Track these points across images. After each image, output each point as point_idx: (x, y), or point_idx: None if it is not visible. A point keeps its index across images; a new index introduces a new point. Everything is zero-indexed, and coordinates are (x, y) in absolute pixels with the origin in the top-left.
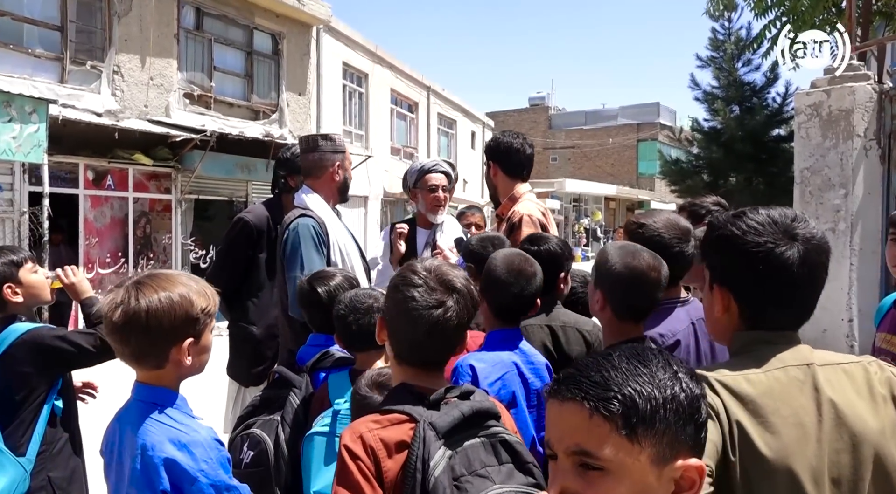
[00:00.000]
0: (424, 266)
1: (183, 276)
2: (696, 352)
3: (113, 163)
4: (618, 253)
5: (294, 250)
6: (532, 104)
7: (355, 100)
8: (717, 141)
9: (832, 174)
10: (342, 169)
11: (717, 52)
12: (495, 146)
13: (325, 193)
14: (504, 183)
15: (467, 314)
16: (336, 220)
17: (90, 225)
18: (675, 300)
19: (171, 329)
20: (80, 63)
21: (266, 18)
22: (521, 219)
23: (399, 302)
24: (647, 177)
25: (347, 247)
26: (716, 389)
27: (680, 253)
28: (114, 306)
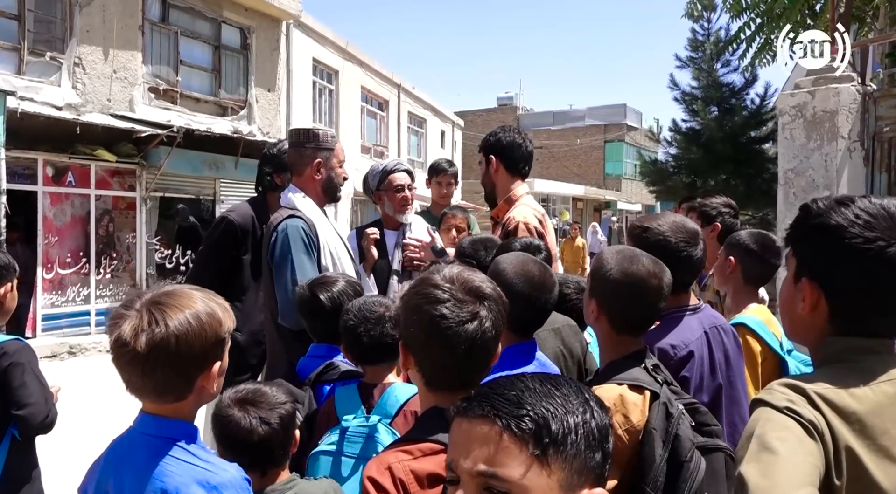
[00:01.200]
0: (444, 275)
1: (195, 291)
2: (710, 363)
3: (74, 159)
4: (615, 258)
5: (283, 254)
6: (500, 104)
7: (325, 97)
8: (697, 141)
9: (816, 175)
10: (325, 168)
11: (697, 52)
12: (496, 140)
13: (310, 193)
14: (504, 180)
15: (502, 320)
16: (325, 222)
17: (49, 223)
18: (686, 308)
19: (202, 354)
20: (39, 54)
21: (234, 12)
22: (516, 227)
23: (426, 323)
24: (613, 177)
25: (338, 250)
26: (817, 405)
27: (688, 258)
28: (134, 333)
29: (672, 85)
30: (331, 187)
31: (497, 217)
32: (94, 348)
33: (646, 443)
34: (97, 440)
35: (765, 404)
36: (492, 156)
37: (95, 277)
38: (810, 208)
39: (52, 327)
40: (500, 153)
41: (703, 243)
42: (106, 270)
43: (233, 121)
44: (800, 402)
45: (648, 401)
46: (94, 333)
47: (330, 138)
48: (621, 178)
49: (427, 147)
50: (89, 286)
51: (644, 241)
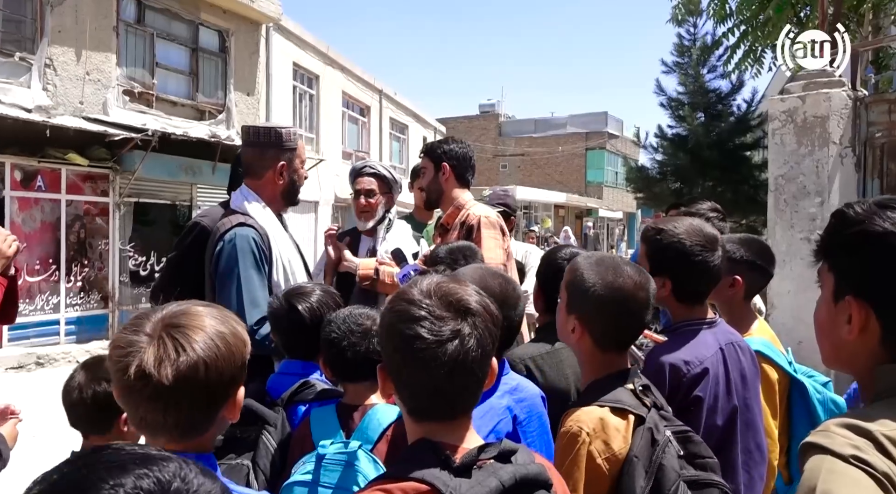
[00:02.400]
0: (422, 288)
1: (207, 307)
2: (725, 383)
3: (43, 163)
4: (595, 270)
5: (229, 267)
6: (482, 111)
7: (306, 102)
8: (684, 147)
9: (807, 182)
10: (288, 170)
11: (683, 57)
12: (450, 150)
13: (267, 197)
14: (453, 187)
15: (490, 338)
16: (280, 231)
17: (17, 229)
18: (701, 321)
19: (231, 379)
20: (8, 54)
21: (213, 14)
22: (479, 222)
23: (401, 344)
24: (595, 185)
25: (292, 264)
26: (888, 451)
27: (703, 264)
28: (159, 363)
29: (658, 90)
30: (292, 191)
31: (447, 223)
32: (63, 358)
33: (626, 473)
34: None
35: (824, 451)
36: (445, 164)
37: (66, 285)
38: (846, 214)
39: (19, 337)
40: (453, 161)
41: (721, 251)
42: (77, 278)
43: (211, 125)
44: (867, 449)
45: (632, 426)
46: (63, 343)
47: (293, 137)
48: (603, 186)
49: (409, 153)
50: (59, 294)
51: (657, 244)
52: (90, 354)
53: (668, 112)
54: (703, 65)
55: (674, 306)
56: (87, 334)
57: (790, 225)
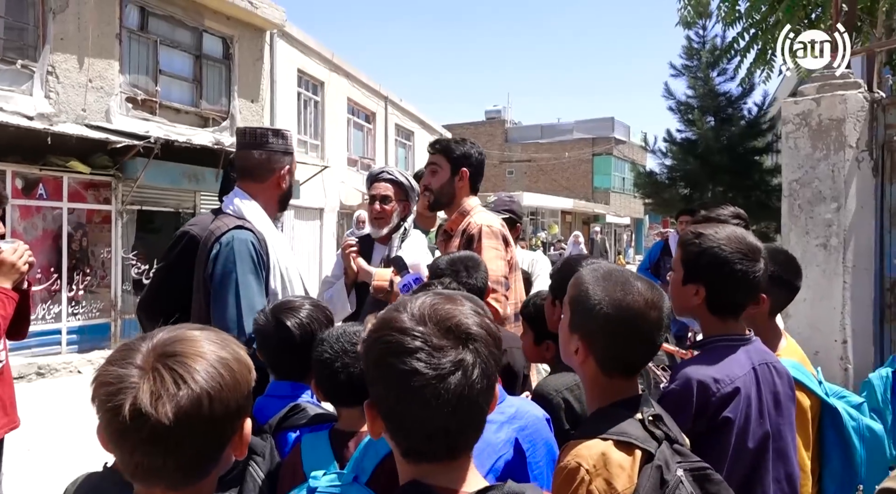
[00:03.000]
0: (413, 312)
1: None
2: (758, 404)
3: (45, 171)
4: (601, 285)
5: (226, 272)
6: (488, 117)
7: (311, 109)
8: (693, 152)
9: (823, 186)
10: (290, 175)
11: (692, 60)
12: (471, 154)
13: (264, 201)
14: (464, 193)
15: (495, 363)
16: (278, 236)
17: (18, 238)
18: (734, 337)
19: (238, 411)
20: (10, 62)
21: (216, 21)
22: (480, 232)
23: (395, 381)
24: (601, 190)
25: (289, 272)
26: None
27: (743, 275)
28: (154, 400)
29: (667, 94)
30: (288, 196)
31: (451, 230)
32: (65, 369)
33: None
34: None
35: None
36: (464, 170)
37: (67, 294)
38: None
39: (20, 346)
40: (472, 166)
41: (763, 263)
42: (79, 286)
43: (214, 132)
44: None
45: (639, 463)
46: (64, 353)
47: (291, 140)
48: (610, 191)
49: (415, 160)
50: (61, 303)
51: (694, 249)
52: (92, 364)
53: (677, 116)
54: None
55: (706, 318)
56: (89, 343)
57: (805, 231)
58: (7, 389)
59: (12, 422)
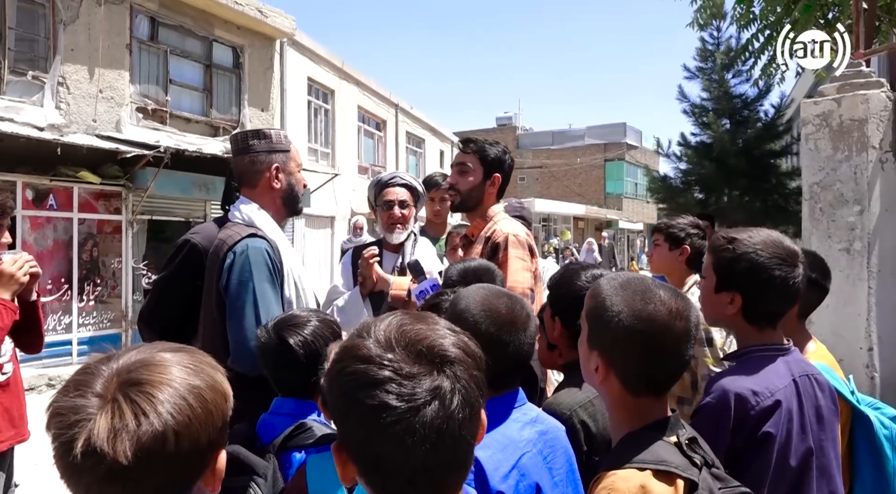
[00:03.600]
0: (377, 338)
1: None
2: (799, 419)
3: (56, 182)
4: (619, 295)
5: (243, 282)
6: (499, 124)
7: (321, 117)
8: (709, 156)
9: (845, 189)
10: (283, 173)
11: (706, 62)
12: (505, 160)
13: (267, 206)
14: (492, 200)
15: (478, 388)
16: (288, 244)
17: (29, 248)
18: (773, 346)
19: (209, 445)
20: (21, 73)
21: (226, 30)
22: (506, 240)
23: (363, 418)
24: (614, 196)
25: (302, 280)
26: None
27: (782, 281)
28: (111, 436)
29: (681, 96)
30: (293, 196)
31: (472, 235)
32: None
33: None
34: None
35: None
36: (498, 176)
37: (78, 304)
38: None
39: (30, 358)
40: (504, 174)
41: (802, 268)
42: (90, 297)
43: (225, 141)
44: None
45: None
46: (75, 363)
47: (284, 139)
48: (622, 197)
49: (426, 167)
50: (71, 314)
51: (729, 253)
52: None
53: (691, 119)
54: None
55: (742, 328)
56: None
57: (827, 235)
58: (14, 401)
59: (20, 435)
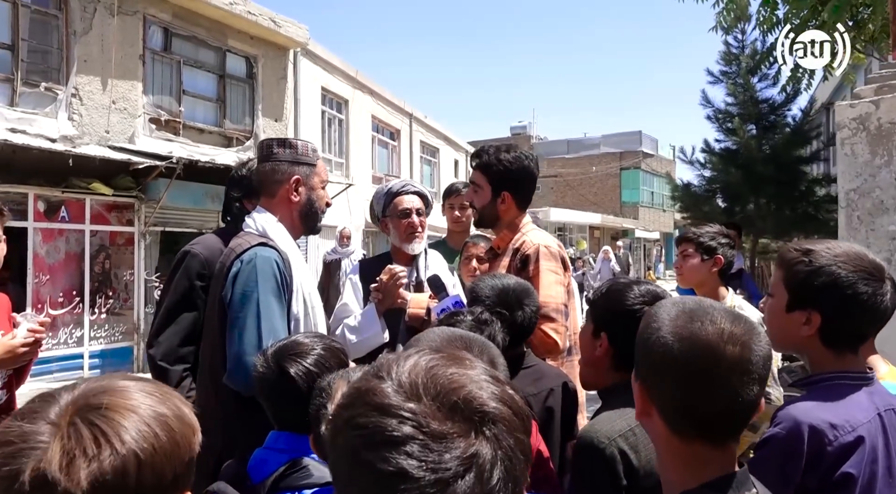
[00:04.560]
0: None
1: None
2: (886, 459)
3: (67, 193)
4: (667, 313)
5: (247, 292)
6: (514, 133)
7: (335, 127)
8: (735, 162)
9: (885, 196)
10: (304, 186)
11: (731, 66)
12: (508, 169)
13: (284, 219)
14: (512, 214)
15: (523, 455)
16: (301, 258)
17: (40, 261)
18: (854, 374)
19: (174, 481)
20: (34, 85)
21: (239, 40)
22: (537, 251)
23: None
24: (630, 205)
25: (312, 297)
26: None
27: (869, 298)
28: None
29: (704, 102)
30: (311, 213)
31: (498, 247)
32: None
33: None
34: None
35: None
36: (506, 192)
37: (89, 317)
38: None
39: (41, 372)
40: (513, 187)
41: (890, 284)
42: (101, 310)
43: (238, 151)
44: None
45: None
46: (87, 377)
47: (311, 152)
48: (638, 206)
49: (440, 177)
50: (83, 327)
51: (804, 267)
52: None
53: (715, 125)
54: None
55: (818, 352)
56: (112, 368)
57: (866, 244)
58: None
59: None
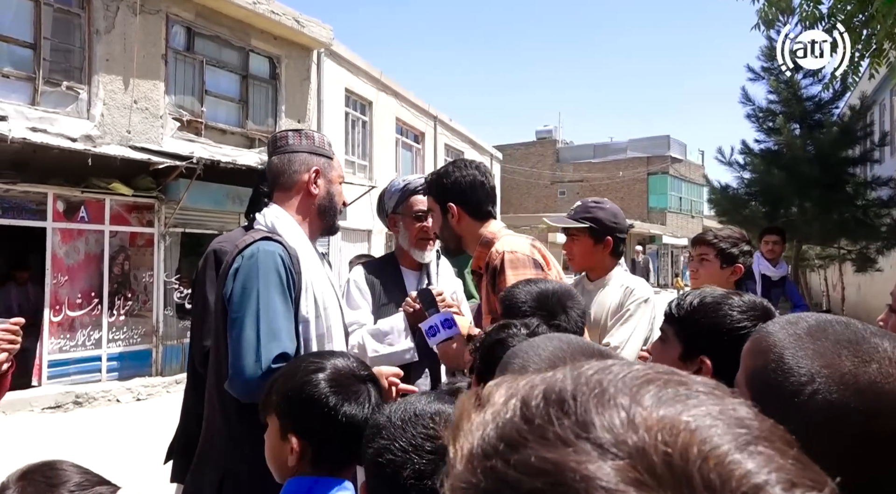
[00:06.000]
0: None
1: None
2: None
3: (87, 193)
4: (810, 348)
5: (246, 288)
6: (539, 137)
7: (358, 129)
8: (777, 163)
9: None
10: (325, 179)
11: (774, 62)
12: (453, 184)
13: (300, 215)
14: (471, 228)
15: None
16: (314, 255)
17: (59, 261)
18: None
19: None
20: (55, 84)
21: (263, 40)
22: (502, 260)
23: None
24: (658, 211)
25: (325, 297)
26: None
27: None
28: None
29: (744, 99)
30: (331, 209)
31: (479, 268)
32: (104, 397)
33: None
34: None
35: None
36: (451, 204)
37: (108, 319)
38: None
39: (59, 374)
40: (459, 198)
41: None
42: (120, 311)
43: (260, 153)
44: None
45: None
46: (104, 380)
47: (328, 145)
48: (666, 212)
49: None
50: (101, 329)
51: None
52: (131, 392)
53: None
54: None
55: None
56: (130, 371)
57: None
58: None
59: None
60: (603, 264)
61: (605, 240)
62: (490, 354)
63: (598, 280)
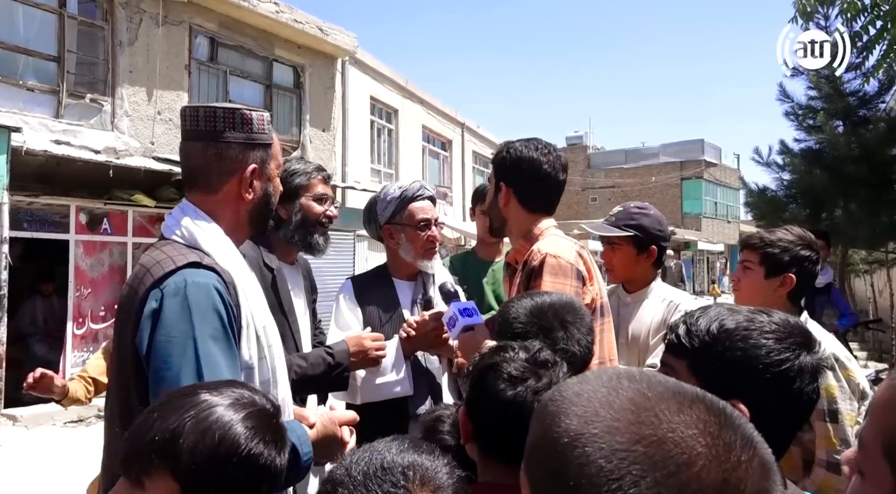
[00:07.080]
0: None
1: None
2: None
3: (110, 205)
4: None
5: (174, 340)
6: (569, 143)
7: (384, 137)
8: (820, 163)
9: None
10: (262, 179)
11: None
12: (512, 162)
13: (225, 220)
14: (519, 217)
15: None
16: (249, 276)
17: (82, 274)
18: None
19: None
20: (79, 96)
21: (287, 50)
22: (542, 262)
23: None
24: (692, 216)
25: (269, 332)
26: None
27: None
28: None
29: (782, 96)
30: (266, 211)
31: (513, 262)
32: None
33: None
34: None
35: None
36: (503, 184)
37: None
38: None
39: None
40: (515, 181)
41: None
42: None
43: (285, 162)
44: None
45: None
46: None
47: (267, 126)
48: (701, 217)
49: None
50: None
51: None
52: None
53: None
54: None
55: None
56: None
57: None
58: None
59: None
60: (644, 275)
61: (649, 250)
62: (481, 381)
63: (637, 292)
